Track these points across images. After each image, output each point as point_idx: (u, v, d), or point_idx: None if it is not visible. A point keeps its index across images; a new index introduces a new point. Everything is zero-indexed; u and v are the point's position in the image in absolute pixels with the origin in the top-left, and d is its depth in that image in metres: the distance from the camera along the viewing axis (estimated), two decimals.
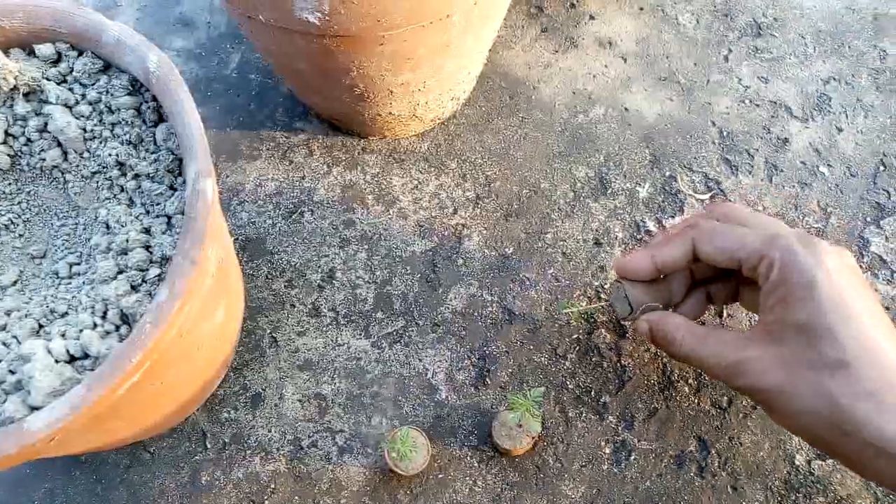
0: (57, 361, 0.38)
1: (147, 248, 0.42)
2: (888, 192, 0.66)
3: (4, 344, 0.42)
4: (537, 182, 0.67)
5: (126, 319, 0.40)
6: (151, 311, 0.36)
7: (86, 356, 0.39)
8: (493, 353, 0.61)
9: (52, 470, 0.57)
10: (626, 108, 0.71)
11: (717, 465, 0.56)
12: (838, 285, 0.44)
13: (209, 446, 0.58)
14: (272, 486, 0.56)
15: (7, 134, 0.47)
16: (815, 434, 0.44)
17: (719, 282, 0.56)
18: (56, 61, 0.47)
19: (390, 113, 0.63)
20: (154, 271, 0.41)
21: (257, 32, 0.54)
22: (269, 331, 0.62)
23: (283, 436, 0.58)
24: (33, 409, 0.37)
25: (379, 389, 0.59)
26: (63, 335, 0.40)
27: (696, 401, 0.58)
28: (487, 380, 0.60)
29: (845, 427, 0.42)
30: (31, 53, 0.47)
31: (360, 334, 0.62)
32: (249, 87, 0.73)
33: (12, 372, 0.39)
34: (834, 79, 0.72)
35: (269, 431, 0.58)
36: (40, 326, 0.42)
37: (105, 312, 0.40)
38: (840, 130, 0.69)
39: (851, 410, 0.42)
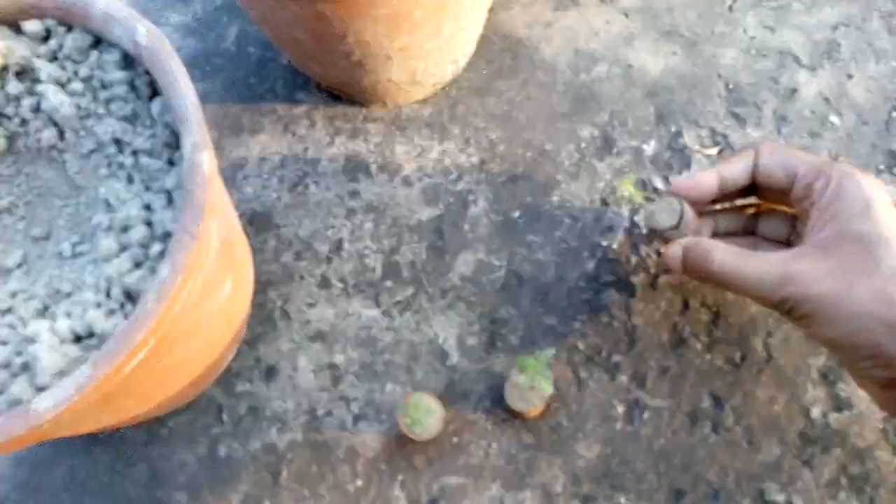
0: (62, 342, 0.38)
1: (148, 224, 0.42)
2: None
3: (11, 326, 0.42)
4: (541, 144, 0.66)
5: (130, 297, 0.40)
6: (154, 287, 0.36)
7: (91, 335, 0.39)
8: (503, 318, 0.60)
9: (72, 448, 0.58)
10: (629, 65, 0.69)
11: (731, 420, 0.56)
12: (890, 208, 0.46)
13: (226, 419, 0.58)
14: (289, 455, 0.57)
15: (1, 115, 0.46)
16: (867, 336, 0.44)
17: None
18: (45, 38, 0.46)
19: (390, 79, 0.62)
20: (156, 247, 0.41)
21: (253, 1, 0.53)
22: (279, 304, 0.62)
23: (299, 406, 0.58)
24: (40, 389, 0.37)
25: (391, 357, 0.60)
26: (68, 315, 0.40)
27: (708, 357, 0.58)
28: (498, 344, 0.59)
29: None
30: (19, 31, 0.46)
31: (370, 303, 0.61)
32: (248, 60, 0.73)
33: (19, 353, 0.40)
34: (843, 24, 0.70)
35: (285, 402, 0.58)
36: (46, 307, 0.42)
37: (109, 290, 0.40)
38: (850, 77, 0.67)
39: None
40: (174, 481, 0.57)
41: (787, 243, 0.55)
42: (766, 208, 0.57)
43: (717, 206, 0.58)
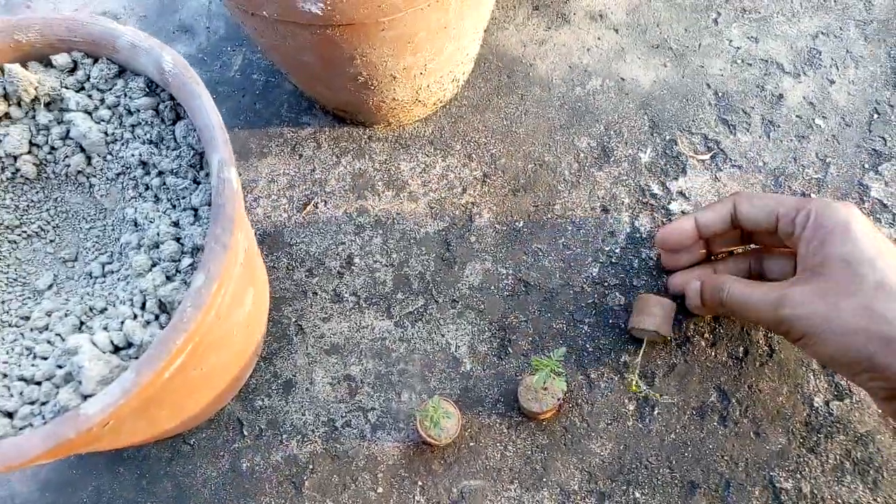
0: (104, 352, 0.40)
1: (177, 239, 0.44)
2: (884, 138, 0.67)
3: (49, 342, 0.44)
4: (541, 156, 0.69)
5: (164, 308, 0.42)
6: (191, 295, 0.38)
7: (129, 346, 0.41)
8: (513, 324, 0.62)
9: (98, 469, 0.59)
10: (622, 78, 0.72)
11: (738, 413, 0.58)
12: (868, 227, 0.49)
13: (246, 434, 0.60)
14: (311, 466, 0.58)
15: (32, 144, 0.48)
16: (858, 351, 0.47)
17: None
18: (72, 70, 0.48)
19: (394, 99, 0.64)
20: (187, 261, 0.43)
21: (260, 29, 0.56)
22: (294, 319, 0.64)
23: (317, 418, 0.60)
24: (85, 397, 0.39)
25: (405, 366, 0.61)
26: (105, 328, 0.42)
27: (712, 353, 0.60)
28: (509, 349, 0.61)
29: (890, 334, 0.46)
30: (48, 64, 0.48)
31: (383, 315, 0.63)
32: (254, 87, 0.75)
33: (60, 366, 0.41)
34: (822, 33, 0.73)
35: (304, 415, 0.60)
36: (81, 323, 0.44)
37: (144, 303, 0.42)
38: (832, 83, 0.71)
39: (894, 319, 0.46)
40: (199, 496, 0.58)
41: None
42: (767, 251, 0.59)
43: (719, 255, 0.62)
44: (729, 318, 0.61)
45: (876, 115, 0.69)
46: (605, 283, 0.63)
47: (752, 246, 0.61)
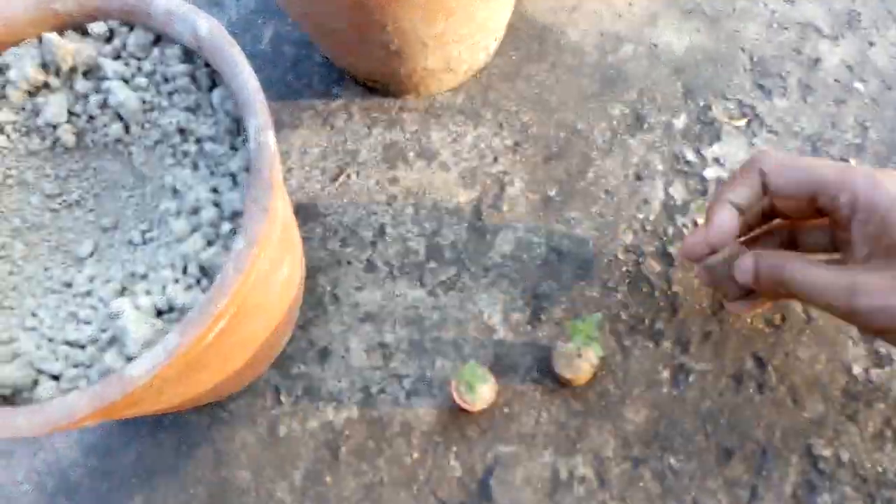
0: (146, 316, 0.41)
1: (216, 205, 0.44)
2: None
3: (92, 307, 0.44)
4: (573, 123, 0.68)
5: (206, 272, 0.42)
6: (232, 258, 0.39)
7: (171, 310, 0.42)
8: (546, 292, 0.62)
9: (139, 435, 0.61)
10: (654, 44, 0.71)
11: (775, 380, 0.58)
12: None
13: (283, 401, 0.61)
14: (347, 432, 0.59)
15: (70, 113, 0.49)
16: None
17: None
18: (109, 38, 0.49)
19: (425, 67, 0.64)
20: (226, 226, 0.43)
21: None
22: (329, 288, 0.64)
23: (353, 385, 0.61)
24: (129, 359, 0.39)
25: (439, 334, 0.62)
26: (148, 292, 0.42)
27: (749, 321, 0.59)
28: (542, 317, 0.61)
29: None
30: (85, 33, 0.49)
31: (416, 284, 0.64)
32: (284, 59, 0.75)
33: (104, 330, 0.42)
34: None
35: (339, 382, 0.61)
36: (124, 288, 0.45)
37: (185, 268, 0.43)
38: (872, 45, 0.69)
39: None
40: (237, 461, 0.59)
41: (835, 250, 0.53)
42: (796, 225, 0.55)
43: (747, 237, 0.57)
44: (785, 299, 0.57)
45: None
46: (639, 251, 0.63)
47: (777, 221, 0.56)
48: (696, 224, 0.63)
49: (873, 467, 0.54)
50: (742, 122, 0.67)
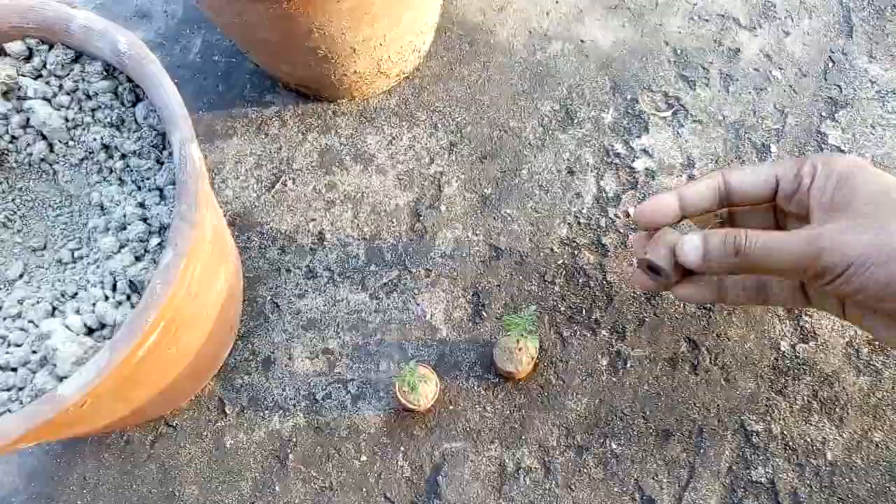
0: (77, 334, 0.40)
1: (144, 220, 0.44)
2: (839, 86, 0.69)
3: (22, 329, 0.44)
4: (506, 122, 0.70)
5: (135, 288, 0.42)
6: (160, 272, 0.39)
7: (102, 326, 0.42)
8: (486, 289, 0.63)
9: (82, 457, 0.60)
10: (581, 41, 0.73)
11: (708, 361, 0.60)
12: (874, 167, 0.47)
13: (228, 412, 0.60)
14: (294, 440, 0.59)
15: None
16: None
17: None
18: (28, 57, 0.48)
19: (355, 72, 0.65)
20: (154, 240, 0.43)
21: (219, 8, 0.56)
22: (269, 297, 0.64)
23: (298, 392, 0.61)
24: (61, 379, 0.39)
25: (382, 337, 0.62)
26: (77, 311, 0.42)
27: (681, 305, 0.61)
28: (483, 313, 0.62)
29: None
30: (2, 52, 0.48)
31: (357, 288, 0.64)
32: (215, 69, 0.75)
33: (35, 352, 0.42)
34: None
35: (284, 390, 0.61)
36: (54, 309, 0.44)
37: (114, 285, 0.43)
38: (787, 34, 0.72)
39: None
40: (184, 476, 0.59)
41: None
42: (738, 210, 0.55)
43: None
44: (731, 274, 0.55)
45: (831, 64, 0.70)
46: (575, 243, 0.64)
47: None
48: (627, 215, 0.64)
49: (802, 438, 0.57)
50: (668, 114, 0.69)
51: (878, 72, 0.69)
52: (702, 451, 0.57)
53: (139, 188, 0.46)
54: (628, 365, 0.60)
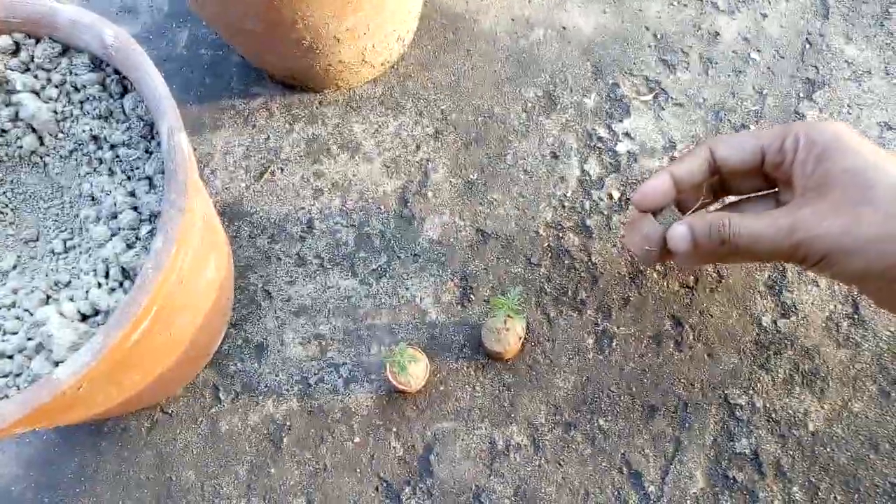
0: (71, 320, 0.41)
1: (135, 209, 0.45)
2: (816, 67, 0.70)
3: (17, 318, 0.45)
4: (490, 108, 0.71)
5: (127, 275, 0.43)
6: (151, 258, 0.39)
7: (96, 313, 0.42)
8: (473, 272, 0.64)
9: (80, 444, 0.61)
10: (563, 27, 0.74)
11: (692, 338, 0.61)
12: (858, 136, 0.48)
13: (223, 398, 0.62)
14: (288, 423, 0.60)
15: None
16: (892, 255, 0.45)
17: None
18: (15, 51, 0.49)
19: (340, 61, 0.65)
20: (145, 228, 0.44)
21: (205, 2, 0.56)
22: (260, 285, 0.65)
23: (291, 377, 0.62)
24: (57, 364, 0.40)
25: (373, 321, 0.63)
26: (71, 299, 0.43)
27: (665, 284, 0.63)
28: (471, 296, 0.64)
29: None
30: None
31: (347, 274, 0.65)
32: (201, 61, 0.76)
33: (30, 339, 0.43)
34: None
35: (277, 375, 0.62)
36: (48, 297, 0.45)
37: (107, 272, 0.43)
38: (765, 17, 0.73)
39: None
40: (181, 461, 0.60)
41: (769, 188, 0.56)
42: (742, 199, 0.57)
43: (690, 211, 0.57)
44: (721, 262, 0.59)
45: (808, 45, 0.71)
46: (559, 226, 0.65)
47: (729, 199, 0.59)
48: (610, 197, 0.66)
49: (784, 410, 0.58)
50: (649, 97, 0.70)
51: (853, 52, 0.70)
52: (687, 425, 0.58)
53: (129, 178, 0.47)
54: (614, 343, 0.61)
